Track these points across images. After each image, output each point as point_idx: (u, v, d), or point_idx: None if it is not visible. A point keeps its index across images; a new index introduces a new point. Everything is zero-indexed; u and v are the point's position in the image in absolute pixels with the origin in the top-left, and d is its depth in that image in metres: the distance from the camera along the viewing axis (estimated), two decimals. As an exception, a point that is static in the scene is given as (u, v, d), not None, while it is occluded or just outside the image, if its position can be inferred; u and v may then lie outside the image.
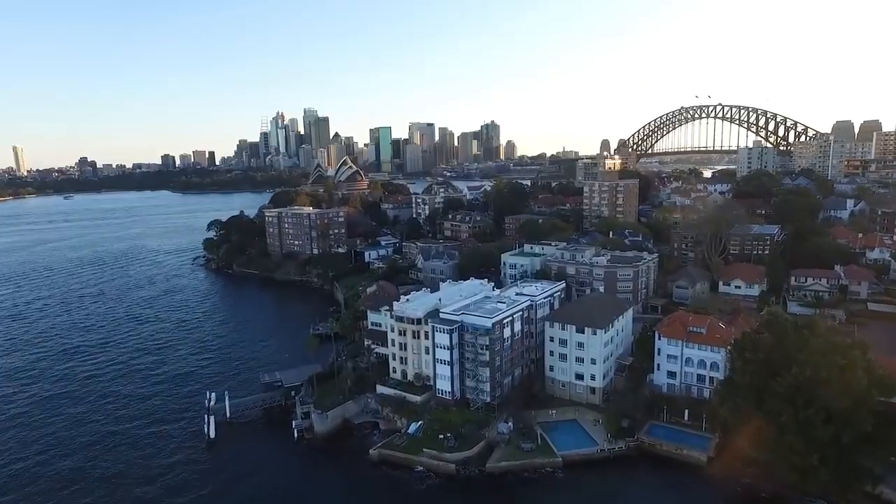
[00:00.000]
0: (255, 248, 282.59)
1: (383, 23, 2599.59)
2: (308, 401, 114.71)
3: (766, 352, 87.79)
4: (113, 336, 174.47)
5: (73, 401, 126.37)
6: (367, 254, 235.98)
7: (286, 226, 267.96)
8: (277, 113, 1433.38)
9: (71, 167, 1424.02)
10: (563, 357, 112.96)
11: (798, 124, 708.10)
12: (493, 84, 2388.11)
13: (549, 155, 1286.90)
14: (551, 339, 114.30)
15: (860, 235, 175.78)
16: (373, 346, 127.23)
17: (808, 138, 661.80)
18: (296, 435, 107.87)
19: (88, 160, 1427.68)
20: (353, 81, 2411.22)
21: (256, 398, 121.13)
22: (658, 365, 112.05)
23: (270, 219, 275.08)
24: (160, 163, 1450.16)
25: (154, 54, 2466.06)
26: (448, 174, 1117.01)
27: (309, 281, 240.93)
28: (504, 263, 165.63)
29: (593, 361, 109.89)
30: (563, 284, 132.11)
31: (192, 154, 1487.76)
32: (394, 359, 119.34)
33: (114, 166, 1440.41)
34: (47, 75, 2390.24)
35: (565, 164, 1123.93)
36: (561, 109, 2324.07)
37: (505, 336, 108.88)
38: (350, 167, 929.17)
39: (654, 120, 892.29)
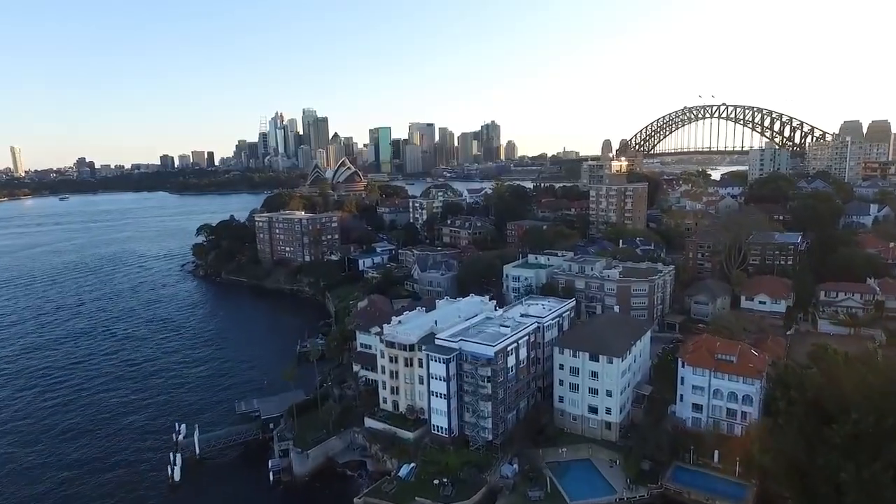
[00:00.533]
0: (245, 254, 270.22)
1: (383, 23, 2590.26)
2: (287, 436, 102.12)
3: (816, 391, 75.21)
4: (85, 357, 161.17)
5: (28, 439, 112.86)
6: (361, 262, 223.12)
7: (277, 231, 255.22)
8: (276, 113, 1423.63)
9: (69, 168, 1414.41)
10: (575, 387, 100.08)
11: (804, 124, 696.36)
12: (494, 84, 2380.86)
13: (549, 155, 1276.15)
14: (561, 367, 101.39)
15: (892, 245, 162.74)
16: (361, 373, 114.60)
17: (815, 139, 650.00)
18: (272, 477, 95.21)
19: (87, 160, 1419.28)
20: (353, 82, 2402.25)
21: (230, 431, 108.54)
22: (681, 396, 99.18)
23: (261, 224, 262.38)
24: (159, 163, 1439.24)
25: (155, 54, 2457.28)
26: (448, 175, 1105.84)
27: (300, 290, 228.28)
28: (507, 276, 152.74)
29: (609, 393, 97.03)
30: (572, 303, 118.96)
31: (190, 154, 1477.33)
32: (384, 388, 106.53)
33: (112, 167, 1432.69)
34: (47, 75, 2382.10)
35: (566, 164, 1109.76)
36: (561, 109, 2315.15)
37: (509, 365, 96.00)
38: (348, 168, 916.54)
39: (657, 120, 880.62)
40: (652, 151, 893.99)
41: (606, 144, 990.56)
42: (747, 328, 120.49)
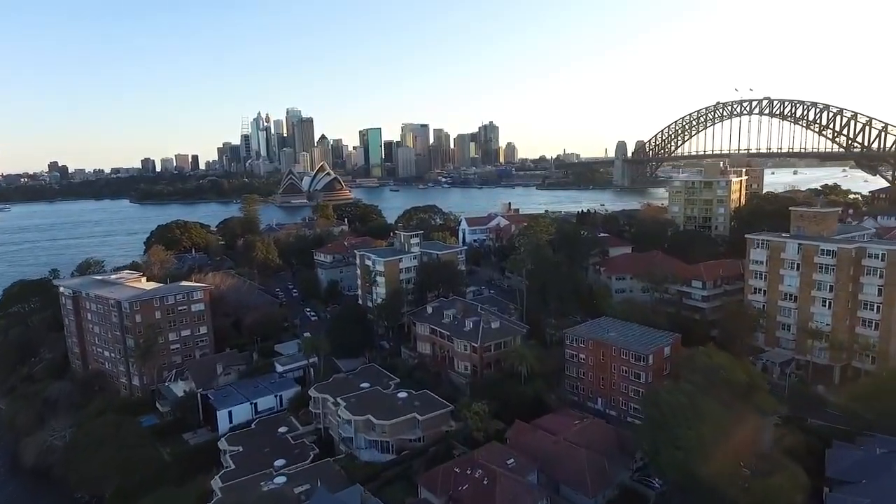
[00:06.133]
0: (51, 350, 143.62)
1: (376, 20, 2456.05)
2: None
3: None
4: None
5: None
6: (223, 414, 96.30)
7: (89, 318, 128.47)
8: (258, 113, 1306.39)
9: (44, 172, 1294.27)
10: None
11: (874, 120, 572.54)
12: (491, 84, 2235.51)
13: (551, 157, 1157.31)
14: None
15: None
16: None
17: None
18: None
19: (59, 164, 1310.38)
20: (344, 80, 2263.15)
21: None
22: None
23: (64, 300, 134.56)
24: (140, 167, 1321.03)
25: (141, 54, 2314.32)
26: (444, 180, 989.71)
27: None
28: None
29: None
30: None
31: (174, 158, 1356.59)
32: None
33: (91, 170, 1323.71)
34: (27, 71, 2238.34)
35: (574, 168, 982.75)
36: (560, 109, 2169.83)
37: None
38: (328, 174, 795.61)
39: (681, 119, 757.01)
40: (671, 154, 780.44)
41: (621, 146, 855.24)
42: None
